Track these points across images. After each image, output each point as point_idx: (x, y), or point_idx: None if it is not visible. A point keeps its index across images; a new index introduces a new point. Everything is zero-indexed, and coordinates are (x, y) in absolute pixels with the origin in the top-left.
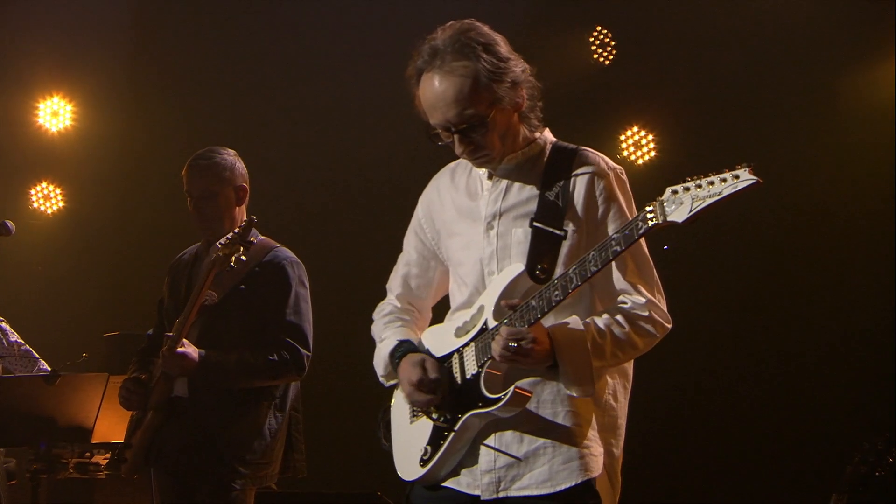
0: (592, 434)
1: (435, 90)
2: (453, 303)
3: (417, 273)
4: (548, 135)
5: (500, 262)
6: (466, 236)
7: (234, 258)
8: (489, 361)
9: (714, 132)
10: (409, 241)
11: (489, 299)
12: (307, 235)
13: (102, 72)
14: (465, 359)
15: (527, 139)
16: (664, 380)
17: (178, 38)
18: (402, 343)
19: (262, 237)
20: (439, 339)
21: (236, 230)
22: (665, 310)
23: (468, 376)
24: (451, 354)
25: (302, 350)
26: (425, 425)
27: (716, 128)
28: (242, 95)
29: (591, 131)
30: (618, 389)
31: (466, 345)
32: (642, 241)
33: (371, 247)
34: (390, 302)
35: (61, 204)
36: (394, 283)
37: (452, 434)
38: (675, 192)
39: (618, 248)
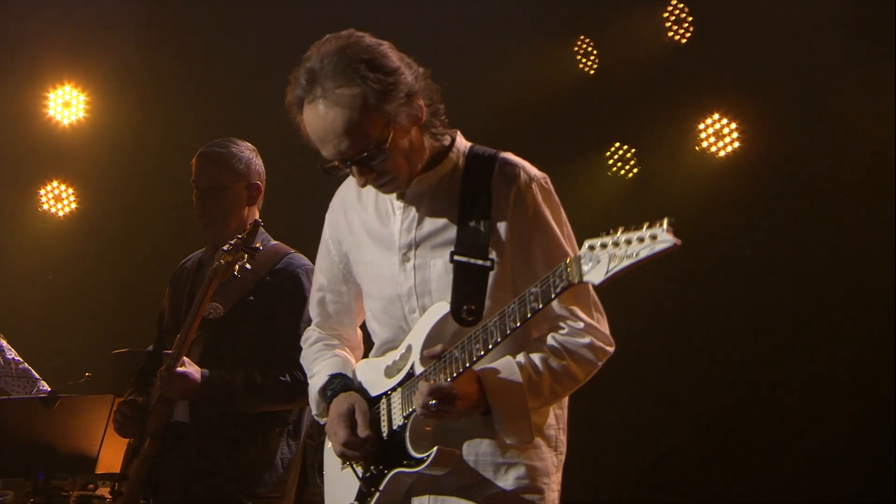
0: (545, 482)
1: (322, 122)
2: (376, 339)
3: (332, 299)
4: (460, 141)
5: (420, 298)
6: (379, 266)
7: (237, 266)
8: (414, 415)
9: (806, 120)
10: (319, 264)
11: (416, 340)
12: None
13: (118, 58)
14: (392, 406)
15: (436, 150)
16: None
17: (200, 21)
18: (333, 378)
19: (273, 242)
20: (372, 376)
21: (240, 235)
22: (606, 331)
23: (394, 427)
24: (380, 398)
25: None
26: (354, 478)
27: (808, 115)
28: (269, 85)
29: (666, 119)
30: (562, 422)
31: (394, 389)
32: (572, 252)
33: None
34: (314, 329)
35: (74, 205)
36: (312, 311)
37: (378, 493)
38: (591, 247)
39: (536, 306)
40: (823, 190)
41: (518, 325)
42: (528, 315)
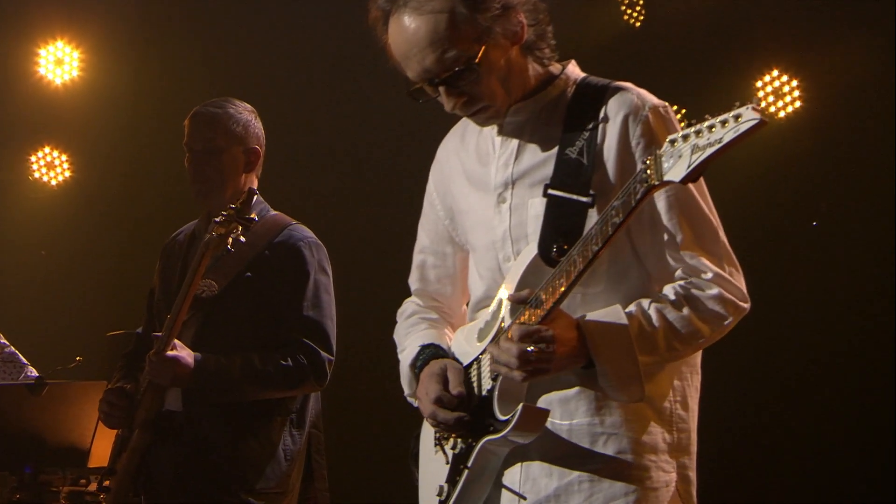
0: (651, 459)
1: (405, 35)
2: (472, 297)
3: (434, 262)
4: (572, 69)
5: (515, 243)
6: (478, 212)
7: (230, 239)
8: (501, 378)
9: (875, 76)
10: (422, 223)
11: (506, 292)
12: (330, 215)
13: (115, 11)
14: (482, 370)
15: (541, 78)
16: None
17: None
18: (424, 349)
19: (273, 212)
20: (465, 344)
21: (233, 205)
22: (740, 285)
23: (484, 392)
24: (471, 365)
25: (323, 353)
26: (443, 459)
27: (878, 71)
28: (275, 44)
29: (719, 75)
30: (688, 393)
31: (484, 351)
32: (701, 196)
33: (405, 228)
34: (412, 301)
35: (68, 174)
36: (412, 277)
37: (466, 471)
38: (673, 142)
39: (618, 220)
40: None
41: (601, 245)
42: (611, 232)
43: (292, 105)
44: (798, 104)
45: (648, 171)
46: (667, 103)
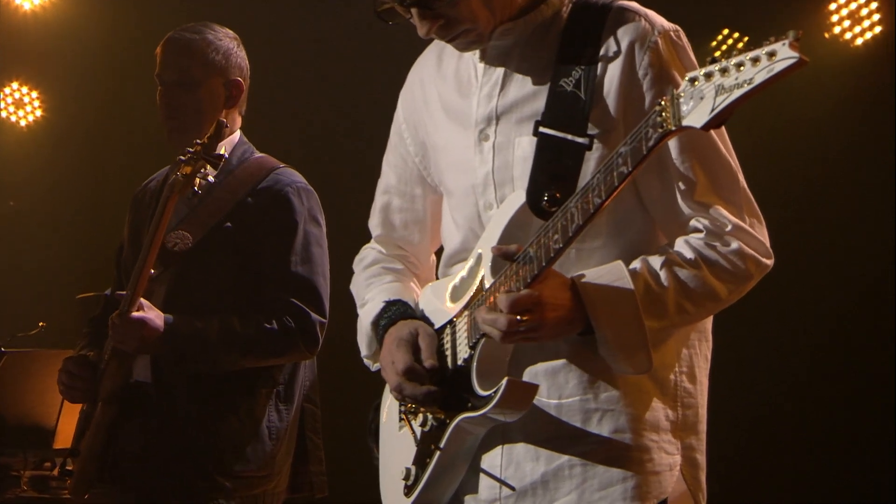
0: (653, 438)
1: None
2: (446, 248)
3: (400, 205)
4: None
5: (499, 188)
6: (456, 151)
7: (197, 180)
8: (483, 340)
9: None
10: (388, 158)
11: (487, 245)
12: (324, 158)
13: None
14: (457, 336)
15: None
16: None
17: None
18: (389, 306)
19: (258, 154)
20: (436, 303)
21: (199, 140)
22: (763, 238)
23: (459, 362)
24: (443, 329)
25: (313, 315)
26: (411, 438)
27: None
28: None
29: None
30: (696, 363)
31: (459, 314)
32: (719, 137)
33: None
34: (373, 247)
35: (39, 112)
36: (373, 220)
37: (438, 453)
38: (693, 80)
39: (625, 169)
40: None
41: (604, 198)
42: (616, 183)
43: (280, 33)
44: (878, 29)
45: (664, 115)
46: (678, 28)
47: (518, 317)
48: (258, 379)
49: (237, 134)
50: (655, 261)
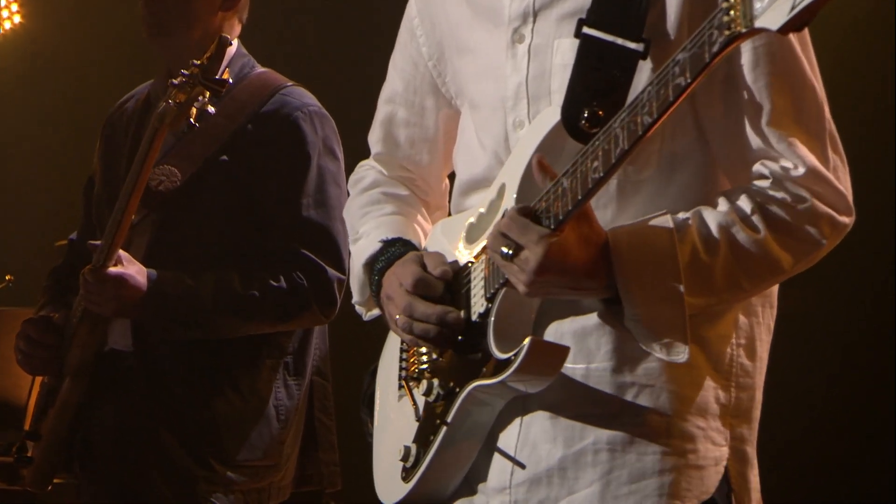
0: (699, 424)
1: None
2: (463, 175)
3: (407, 117)
4: None
5: (532, 103)
6: (483, 55)
7: (194, 110)
8: (503, 292)
9: None
10: (395, 61)
11: (512, 174)
12: (341, 77)
13: None
14: (472, 285)
15: None
16: None
17: None
18: (387, 246)
19: (260, 69)
20: (448, 245)
21: (196, 61)
22: (844, 188)
23: (474, 317)
24: (455, 276)
25: (330, 270)
26: (412, 406)
27: None
28: None
29: None
30: (756, 334)
31: (476, 258)
32: (803, 51)
33: None
34: (372, 166)
35: (17, 19)
36: (374, 135)
37: (444, 429)
38: None
39: (682, 81)
40: None
41: (655, 118)
42: (672, 98)
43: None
44: None
45: (732, 13)
46: None
47: (505, 248)
48: (263, 348)
49: (235, 43)
50: (710, 218)
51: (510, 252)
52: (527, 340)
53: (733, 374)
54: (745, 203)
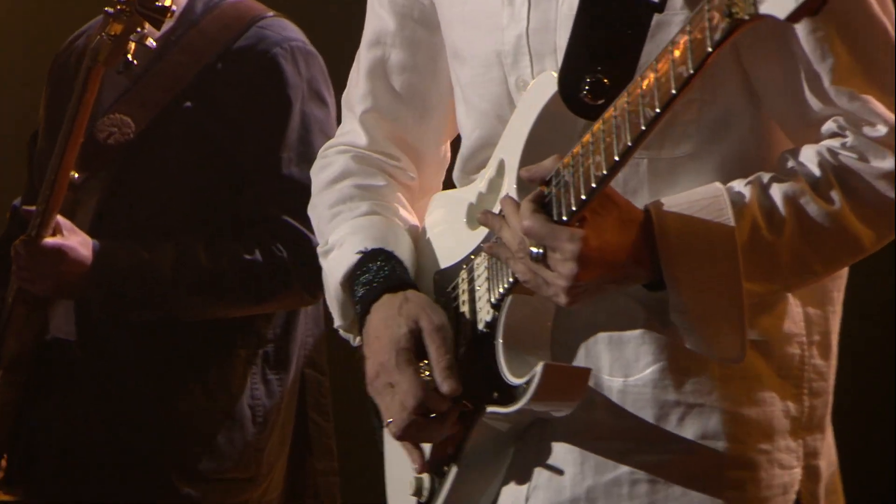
0: (763, 448)
1: None
2: (463, 142)
3: (404, 60)
4: None
5: (536, 61)
6: None
7: (132, 45)
8: (510, 297)
9: None
10: None
11: (511, 147)
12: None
13: None
14: (476, 284)
15: None
16: None
17: None
18: (366, 260)
19: None
20: (446, 227)
21: None
22: None
23: (480, 327)
24: (458, 270)
25: (313, 238)
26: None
27: None
28: None
29: None
30: (832, 327)
31: (477, 251)
32: None
33: None
34: (343, 148)
35: None
36: (356, 90)
37: (455, 469)
38: None
39: (683, 71)
40: None
41: (658, 111)
42: (674, 91)
43: None
44: None
45: None
46: None
47: (534, 248)
48: (236, 335)
49: None
50: (774, 187)
51: (541, 253)
52: (539, 366)
53: (805, 380)
54: (815, 168)
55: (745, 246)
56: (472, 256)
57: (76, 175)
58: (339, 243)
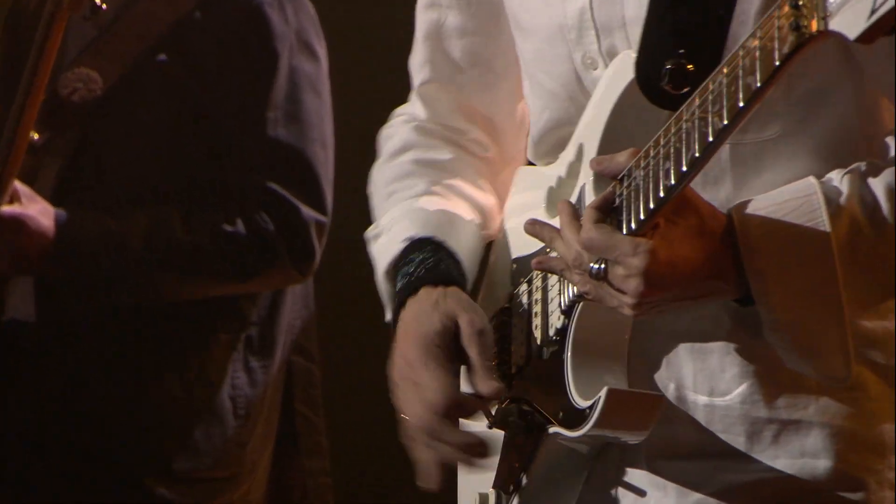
0: (870, 467)
1: None
2: (532, 122)
3: (463, 23)
4: None
5: (603, 36)
6: None
7: None
8: (580, 306)
9: None
10: None
11: (589, 134)
12: None
13: None
14: (548, 282)
15: None
16: None
17: None
18: (411, 249)
19: None
20: (525, 211)
21: None
22: None
23: (551, 333)
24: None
25: (304, 210)
26: (497, 439)
27: None
28: None
29: None
30: None
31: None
32: None
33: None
34: (410, 117)
35: None
36: (415, 58)
37: (524, 475)
38: None
39: (751, 81)
40: None
41: (726, 123)
42: (742, 104)
43: None
44: None
45: (805, 10)
46: None
47: (595, 265)
48: (215, 317)
49: None
50: (876, 177)
51: (601, 268)
52: (603, 392)
53: None
54: None
55: (843, 251)
56: (548, 250)
57: (36, 136)
58: (387, 228)
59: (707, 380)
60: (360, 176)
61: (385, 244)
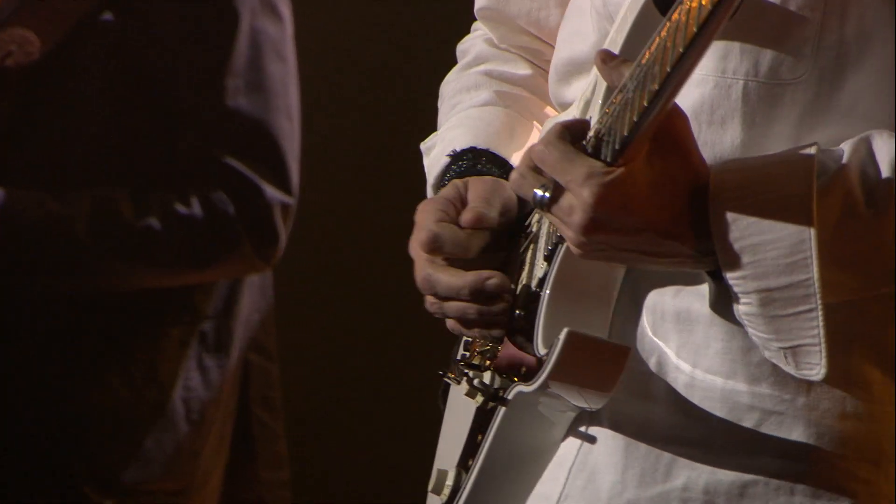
0: (863, 477)
1: None
2: (562, 52)
3: None
4: None
5: None
6: None
7: None
8: (561, 249)
9: None
10: None
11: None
12: None
13: None
14: (540, 236)
15: None
16: None
17: None
18: (456, 160)
19: None
20: None
21: None
22: None
23: (533, 286)
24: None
25: (268, 190)
26: (469, 407)
27: None
28: None
29: None
30: None
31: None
32: None
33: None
34: (481, 34)
35: None
36: None
37: (486, 445)
38: None
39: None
40: None
41: (682, 50)
42: (694, 28)
43: None
44: None
45: None
46: None
47: (542, 194)
48: (166, 310)
49: None
50: (883, 149)
51: (545, 196)
52: (562, 333)
53: None
54: None
55: (836, 224)
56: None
57: None
58: (441, 139)
59: (692, 352)
60: (330, 151)
61: (434, 158)
